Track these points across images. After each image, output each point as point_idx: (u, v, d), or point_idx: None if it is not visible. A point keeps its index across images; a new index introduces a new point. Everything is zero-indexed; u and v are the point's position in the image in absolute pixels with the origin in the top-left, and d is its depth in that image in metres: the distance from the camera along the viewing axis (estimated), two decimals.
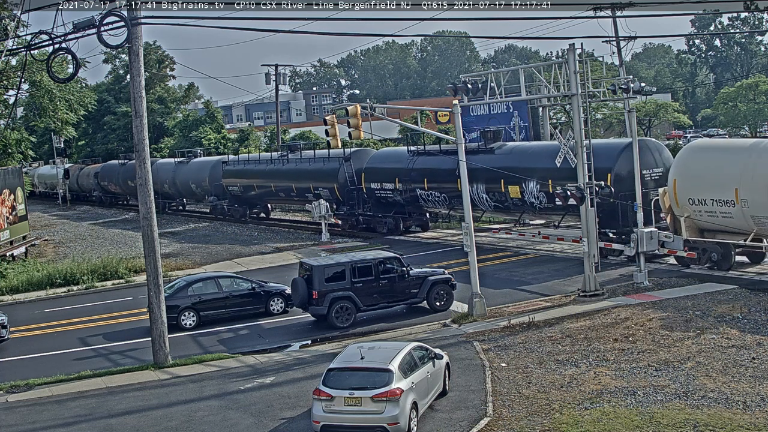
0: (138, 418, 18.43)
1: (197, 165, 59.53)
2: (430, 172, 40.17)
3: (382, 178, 43.05)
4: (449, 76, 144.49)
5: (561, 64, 27.53)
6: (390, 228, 43.05)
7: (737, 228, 27.40)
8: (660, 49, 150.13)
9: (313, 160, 47.17)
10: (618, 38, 51.02)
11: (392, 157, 43.65)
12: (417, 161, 41.21)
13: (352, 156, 44.64)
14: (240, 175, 54.45)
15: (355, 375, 16.02)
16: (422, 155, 41.33)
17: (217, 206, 57.37)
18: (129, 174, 66.49)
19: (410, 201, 42.08)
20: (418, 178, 40.87)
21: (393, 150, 45.78)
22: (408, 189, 41.53)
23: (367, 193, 43.98)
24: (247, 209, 55.79)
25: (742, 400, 16.26)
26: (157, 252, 23.01)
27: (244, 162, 54.21)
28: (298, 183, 48.26)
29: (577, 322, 23.16)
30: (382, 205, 43.67)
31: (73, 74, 25.13)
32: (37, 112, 49.24)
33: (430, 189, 40.24)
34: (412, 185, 41.29)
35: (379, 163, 44.03)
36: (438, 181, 39.80)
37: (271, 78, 67.09)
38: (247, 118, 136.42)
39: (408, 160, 41.78)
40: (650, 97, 62.11)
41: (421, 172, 40.67)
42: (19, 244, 43.67)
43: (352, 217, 44.91)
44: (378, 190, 43.41)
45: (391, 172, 42.56)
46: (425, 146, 42.46)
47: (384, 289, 25.93)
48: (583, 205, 26.11)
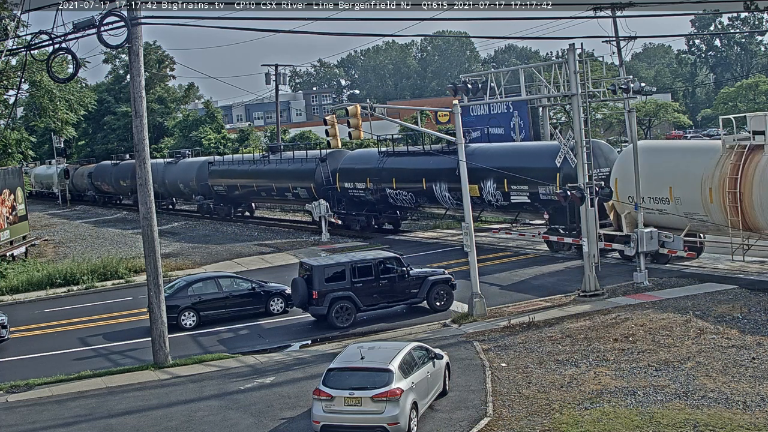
0: (138, 418, 18.43)
1: (185, 165, 61.10)
2: (399, 172, 41.75)
3: (355, 178, 44.54)
4: (449, 76, 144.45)
5: (561, 64, 27.53)
6: (363, 226, 44.41)
7: (673, 224, 28.96)
8: (660, 49, 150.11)
9: (292, 160, 48.91)
10: (618, 38, 50.99)
11: (364, 158, 45.05)
12: (387, 162, 42.71)
13: (328, 157, 45.90)
14: (224, 175, 56.33)
15: (355, 375, 16.02)
16: (392, 156, 42.85)
17: (204, 205, 59.15)
18: (121, 174, 68.70)
19: (381, 200, 43.44)
20: (387, 177, 42.32)
21: (365, 151, 47.14)
22: (378, 188, 42.95)
23: (342, 193, 45.29)
24: (231, 208, 57.69)
25: (742, 400, 16.25)
26: (157, 252, 23.02)
27: (229, 162, 56.18)
28: (278, 183, 49.93)
29: (577, 322, 23.16)
30: (356, 204, 45.18)
31: (73, 74, 25.13)
32: (37, 112, 49.25)
33: (398, 188, 41.74)
34: (382, 185, 42.69)
35: (352, 163, 45.42)
36: (405, 181, 41.37)
37: (271, 78, 67.08)
38: (247, 118, 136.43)
39: (378, 160, 43.30)
40: (650, 97, 62.14)
41: (390, 172, 42.11)
42: (19, 244, 43.67)
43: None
44: (351, 189, 44.78)
45: (363, 173, 44.04)
46: (394, 147, 43.92)
47: (384, 289, 25.93)
48: (583, 205, 26.14)
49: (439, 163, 38.65)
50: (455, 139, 26.48)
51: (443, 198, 39.34)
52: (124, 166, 68.53)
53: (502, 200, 36.15)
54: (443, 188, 38.80)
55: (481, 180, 35.95)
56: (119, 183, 69.54)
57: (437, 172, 38.84)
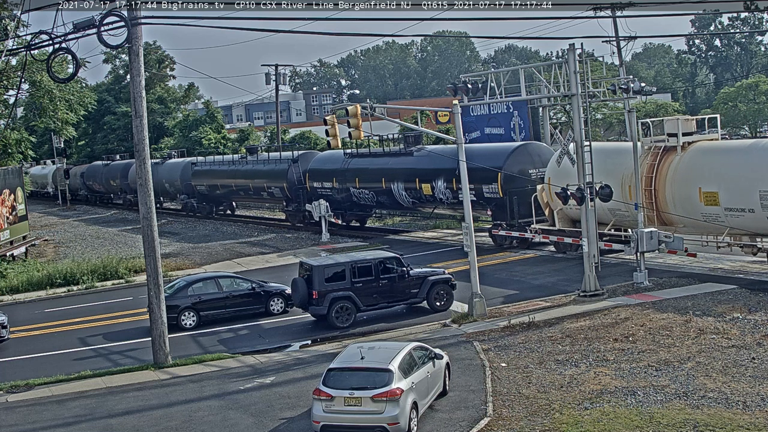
0: (138, 418, 18.43)
1: (170, 166, 64.13)
2: (361, 172, 44.09)
3: (323, 178, 47.02)
4: (449, 76, 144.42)
5: (561, 64, 27.52)
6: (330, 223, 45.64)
7: (600, 219, 30.50)
8: (660, 49, 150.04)
9: (267, 161, 51.92)
10: (618, 38, 51.01)
11: (331, 160, 47.16)
12: (351, 163, 45.06)
13: (300, 158, 48.79)
14: (206, 175, 59.05)
15: (355, 375, 16.02)
16: (355, 157, 45.08)
17: (188, 204, 62.03)
18: (111, 174, 72.81)
19: (346, 198, 45.51)
20: (351, 177, 44.61)
21: (332, 152, 48.20)
22: (343, 188, 45.22)
23: (311, 192, 47.63)
24: (213, 206, 61.04)
25: (742, 400, 16.26)
26: (157, 252, 23.02)
27: (210, 163, 59.18)
28: (254, 182, 52.75)
29: (577, 322, 23.17)
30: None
31: (73, 74, 25.11)
32: (37, 112, 49.21)
33: (361, 187, 43.97)
34: (346, 184, 44.93)
35: (320, 164, 47.92)
36: (367, 181, 43.53)
37: (271, 78, 67.15)
38: (247, 118, 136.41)
39: (343, 161, 45.63)
40: (650, 97, 62.09)
41: (354, 172, 44.42)
42: (19, 244, 43.68)
43: (298, 213, 49.04)
44: (320, 188, 47.08)
45: (330, 173, 46.46)
46: (358, 149, 45.80)
47: (384, 289, 25.93)
48: (583, 205, 26.13)
49: (397, 164, 41.49)
50: (455, 139, 26.47)
51: (400, 196, 41.46)
52: (114, 167, 72.26)
53: (451, 198, 38.04)
54: (400, 187, 41.08)
55: (433, 179, 38.64)
56: (109, 182, 73.04)
57: (395, 172, 41.35)
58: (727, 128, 75.40)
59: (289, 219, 51.34)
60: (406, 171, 40.46)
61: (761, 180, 25.98)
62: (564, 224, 32.96)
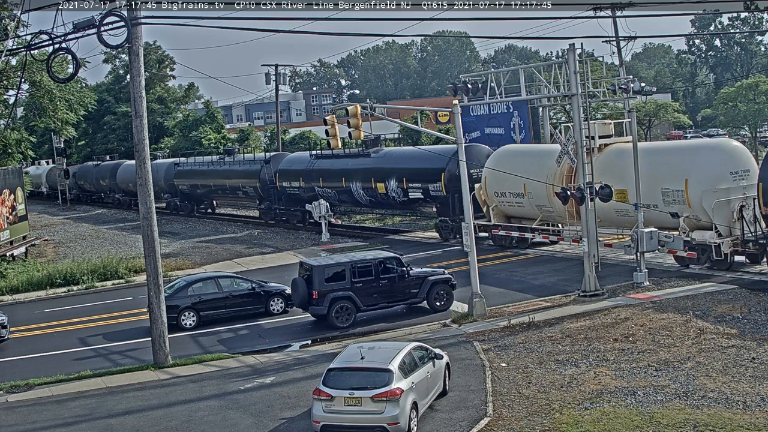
0: (138, 418, 18.43)
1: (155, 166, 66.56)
2: (324, 172, 47.06)
3: (291, 178, 49.92)
4: (449, 76, 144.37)
5: (561, 64, 27.52)
6: (299, 220, 49.71)
7: (528, 215, 35.21)
8: (660, 49, 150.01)
9: (242, 162, 55.19)
10: (618, 38, 50.98)
11: (299, 161, 50.37)
12: (316, 163, 48.06)
13: (272, 159, 51.96)
14: (188, 175, 61.67)
15: (355, 375, 16.02)
16: (320, 158, 47.97)
17: (171, 203, 64.89)
18: (100, 174, 76.10)
19: (312, 197, 47.49)
20: (316, 177, 47.51)
21: (300, 154, 52.38)
22: (309, 187, 48.14)
23: (281, 191, 50.96)
24: (194, 205, 63.87)
25: (742, 400, 16.26)
26: (157, 252, 23.02)
27: (192, 164, 61.73)
28: (230, 182, 56.13)
29: (577, 322, 23.16)
30: (293, 201, 50.50)
31: (73, 74, 25.09)
32: (37, 112, 49.21)
33: (324, 186, 46.82)
34: (312, 183, 47.89)
35: (289, 165, 50.86)
36: (330, 180, 46.37)
37: (271, 78, 67.10)
38: (247, 118, 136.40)
39: (309, 162, 48.74)
40: (650, 97, 62.05)
41: (318, 172, 47.39)
42: (19, 244, 43.67)
43: (270, 210, 52.25)
44: (288, 187, 50.25)
45: (297, 173, 49.45)
46: (321, 150, 49.00)
47: (384, 289, 25.92)
48: (583, 205, 26.12)
49: (356, 165, 44.47)
50: (455, 139, 26.47)
51: (359, 195, 44.44)
52: (103, 167, 75.81)
53: (402, 196, 41.21)
54: (358, 186, 43.94)
55: (386, 179, 41.76)
56: (99, 182, 76.56)
57: (354, 172, 44.28)
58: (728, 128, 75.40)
59: (263, 216, 54.09)
60: (364, 171, 43.46)
61: (663, 179, 28.76)
62: (498, 219, 36.71)
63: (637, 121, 38.28)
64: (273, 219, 51.99)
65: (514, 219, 36.53)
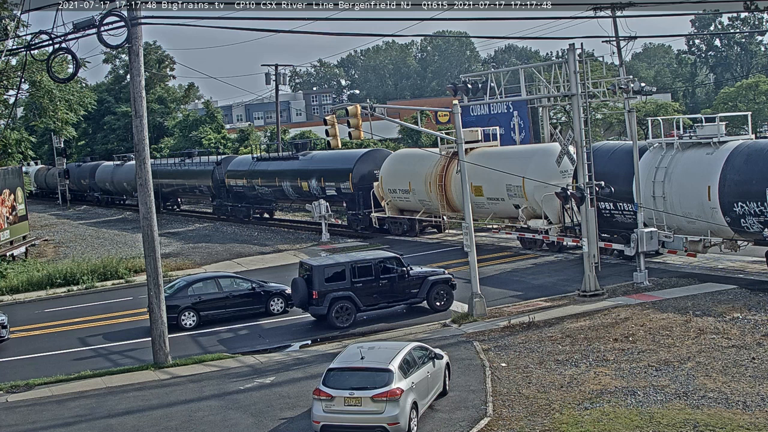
0: (138, 418, 18.43)
1: (128, 167, 69.08)
2: (262, 173, 52.93)
3: (237, 178, 55.96)
4: (449, 76, 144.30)
5: (561, 64, 27.52)
6: (244, 215, 55.84)
7: (414, 208, 42.09)
8: (660, 49, 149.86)
9: (199, 163, 60.93)
10: (618, 38, 50.93)
11: (243, 162, 56.49)
12: (257, 165, 53.88)
13: (222, 161, 58.19)
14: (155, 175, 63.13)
15: (355, 375, 16.02)
16: (260, 161, 53.95)
17: None
18: (82, 174, 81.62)
19: (253, 195, 54.48)
20: (256, 177, 53.41)
21: (245, 156, 58.68)
22: (250, 186, 54.28)
23: (229, 189, 57.11)
24: (161, 203, 64.99)
25: (742, 400, 16.26)
26: (157, 252, 23.02)
27: (158, 165, 65.03)
28: (188, 181, 62.42)
29: (577, 322, 23.17)
30: (239, 198, 56.56)
31: (73, 74, 25.11)
32: (37, 112, 49.18)
33: (263, 185, 52.89)
34: (252, 182, 53.94)
35: (236, 166, 56.89)
36: (266, 179, 52.27)
37: (271, 78, 67.13)
38: (247, 118, 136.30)
39: (251, 164, 54.65)
40: (650, 97, 61.97)
41: (258, 173, 53.38)
42: (19, 244, 43.68)
43: (221, 206, 58.45)
44: (235, 186, 56.37)
45: (242, 173, 55.41)
46: (260, 153, 55.54)
47: (384, 289, 25.92)
48: (583, 205, 26.11)
49: (286, 166, 50.58)
50: (455, 139, 26.46)
51: (289, 192, 50.54)
52: (84, 168, 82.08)
53: (321, 193, 46.51)
54: (288, 185, 49.98)
55: (309, 179, 47.82)
56: (80, 182, 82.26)
57: (285, 173, 50.43)
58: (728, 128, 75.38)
59: (215, 212, 60.27)
60: (292, 172, 49.62)
61: (508, 177, 33.34)
62: (393, 212, 43.06)
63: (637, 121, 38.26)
64: (224, 214, 58.31)
65: (406, 212, 42.73)
